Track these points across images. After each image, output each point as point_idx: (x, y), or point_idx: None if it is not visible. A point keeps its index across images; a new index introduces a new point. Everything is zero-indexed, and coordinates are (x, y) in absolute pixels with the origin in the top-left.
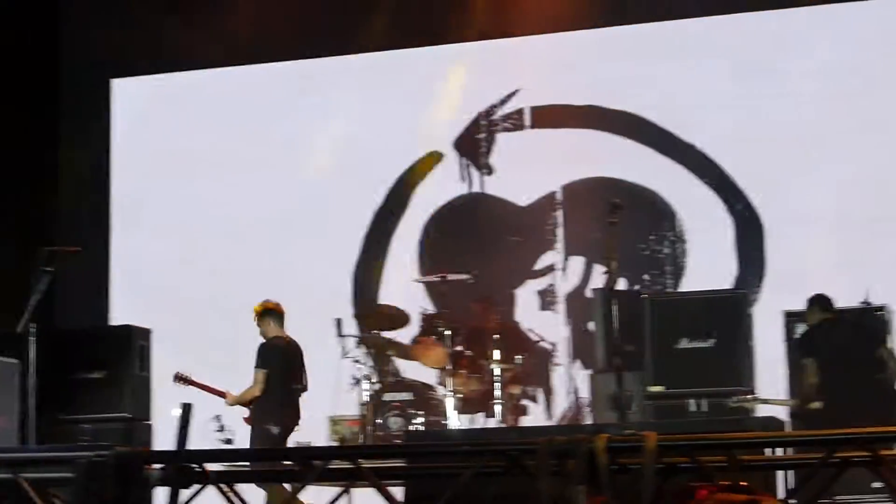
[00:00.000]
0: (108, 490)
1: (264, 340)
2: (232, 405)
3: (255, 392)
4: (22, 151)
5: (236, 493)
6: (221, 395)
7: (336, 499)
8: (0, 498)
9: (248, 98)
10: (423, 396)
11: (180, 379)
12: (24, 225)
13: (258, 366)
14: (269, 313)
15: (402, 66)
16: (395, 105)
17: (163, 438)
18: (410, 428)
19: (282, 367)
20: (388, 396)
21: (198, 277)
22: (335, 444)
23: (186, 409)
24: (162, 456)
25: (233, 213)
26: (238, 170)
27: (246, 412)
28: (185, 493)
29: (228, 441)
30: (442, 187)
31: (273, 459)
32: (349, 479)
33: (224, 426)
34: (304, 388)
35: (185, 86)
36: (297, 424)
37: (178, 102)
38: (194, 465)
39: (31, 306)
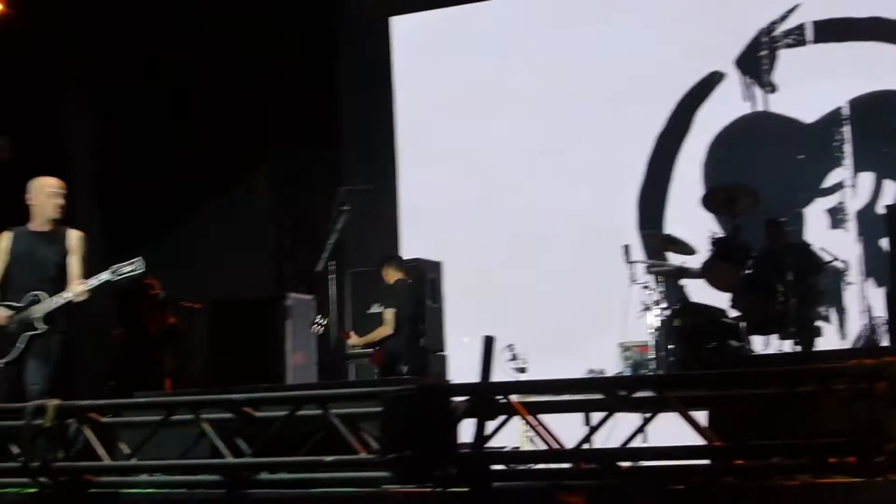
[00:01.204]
0: (414, 423)
1: (388, 283)
2: (357, 345)
3: (386, 331)
4: (306, 94)
5: (541, 424)
6: (346, 336)
7: (640, 427)
8: (311, 432)
9: (524, 27)
10: (715, 321)
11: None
12: (315, 167)
13: (388, 306)
14: (388, 259)
15: None
16: (673, 26)
17: (456, 369)
18: (703, 353)
19: (410, 307)
20: (678, 322)
21: (484, 209)
22: (626, 370)
23: (490, 341)
24: (466, 388)
25: (515, 144)
26: (518, 100)
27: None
28: (490, 425)
29: (522, 370)
30: (725, 107)
31: (578, 390)
32: (654, 408)
33: (516, 355)
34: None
35: (462, 18)
36: (427, 365)
37: (455, 36)
38: (498, 397)
39: (330, 245)
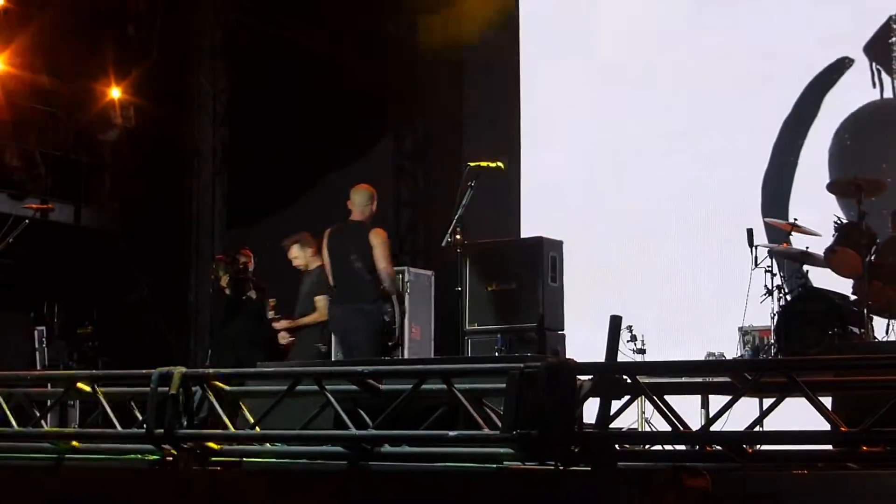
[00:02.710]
0: (540, 400)
1: (311, 268)
2: (285, 329)
3: (321, 317)
4: (431, 69)
5: (667, 405)
6: (276, 320)
7: (767, 410)
8: (432, 407)
9: (650, 10)
10: (838, 306)
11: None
12: (436, 144)
13: (322, 292)
14: (308, 243)
15: None
16: (802, 11)
17: (575, 349)
18: (825, 339)
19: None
20: (800, 306)
21: (607, 190)
22: (746, 354)
23: (616, 321)
24: (592, 367)
25: (639, 126)
26: (645, 82)
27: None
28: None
29: (641, 351)
30: (852, 94)
31: (707, 372)
32: (781, 392)
33: (636, 336)
34: None
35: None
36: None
37: (582, 18)
38: (625, 377)
39: (455, 221)
